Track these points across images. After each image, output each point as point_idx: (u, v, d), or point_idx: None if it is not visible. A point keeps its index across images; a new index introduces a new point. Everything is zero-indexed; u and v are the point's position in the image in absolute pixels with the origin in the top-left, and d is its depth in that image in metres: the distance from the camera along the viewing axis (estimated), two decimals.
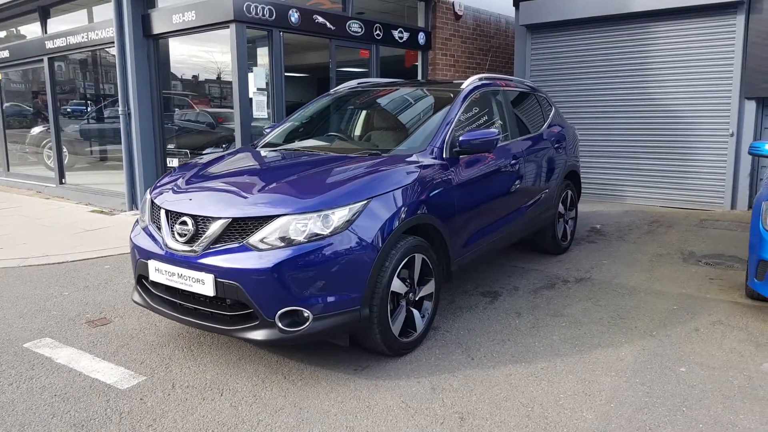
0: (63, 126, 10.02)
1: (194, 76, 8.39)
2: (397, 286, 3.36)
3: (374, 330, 3.27)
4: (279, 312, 3.03)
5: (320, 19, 7.65)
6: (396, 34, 8.96)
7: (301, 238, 3.04)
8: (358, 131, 4.52)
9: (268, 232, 3.07)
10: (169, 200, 3.50)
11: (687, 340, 3.71)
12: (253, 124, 7.16)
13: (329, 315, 3.08)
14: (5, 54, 10.52)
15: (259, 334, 3.07)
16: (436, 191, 3.68)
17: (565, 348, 3.62)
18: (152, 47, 7.75)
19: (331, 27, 7.81)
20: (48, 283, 5.07)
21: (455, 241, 3.89)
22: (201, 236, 3.20)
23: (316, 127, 4.68)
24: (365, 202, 3.19)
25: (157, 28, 7.56)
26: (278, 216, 3.08)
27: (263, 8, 6.91)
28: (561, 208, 5.63)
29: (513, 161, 4.58)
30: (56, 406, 3.04)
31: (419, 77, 9.75)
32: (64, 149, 10.21)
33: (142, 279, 3.58)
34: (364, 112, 4.72)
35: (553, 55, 9.05)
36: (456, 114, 4.11)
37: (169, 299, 3.42)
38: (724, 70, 7.74)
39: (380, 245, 3.19)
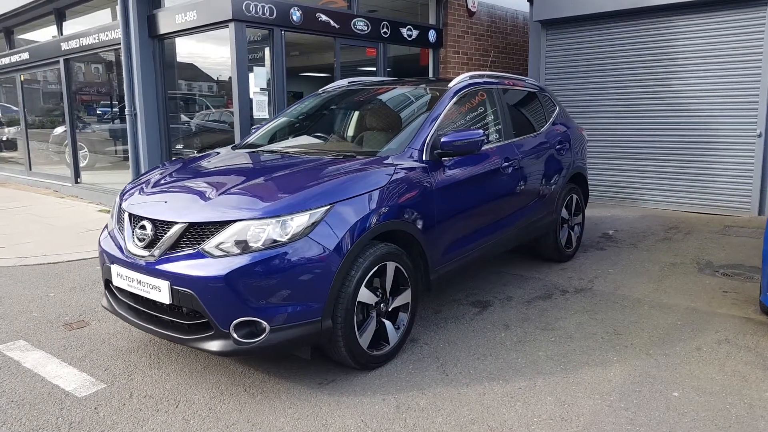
0: (85, 125, 10.12)
1: (207, 76, 8.34)
2: (365, 296, 3.16)
3: (339, 343, 3.08)
4: (234, 322, 2.86)
5: (323, 18, 7.49)
6: (404, 31, 8.75)
7: (258, 245, 2.87)
8: (339, 132, 4.33)
9: (224, 238, 2.91)
10: (133, 203, 3.39)
11: (686, 361, 3.41)
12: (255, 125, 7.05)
13: (287, 326, 2.91)
14: (26, 56, 10.68)
15: (214, 345, 2.91)
16: (413, 196, 3.46)
17: (549, 366, 3.36)
18: (157, 48, 7.72)
19: (336, 25, 7.65)
20: (37, 284, 5.03)
21: (435, 249, 3.67)
22: (159, 241, 3.07)
23: (299, 127, 4.51)
24: (328, 207, 3.00)
25: (162, 28, 7.52)
26: (235, 221, 2.92)
27: (263, 7, 6.79)
28: (565, 213, 5.34)
29: (506, 164, 4.32)
30: (9, 413, 2.95)
31: (430, 76, 9.51)
32: (85, 148, 10.32)
33: (108, 284, 3.48)
34: (347, 113, 4.53)
35: (568, 52, 8.71)
36: (439, 114, 3.89)
37: (132, 305, 3.30)
38: (752, 67, 7.29)
39: (344, 253, 3.00)
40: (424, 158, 3.66)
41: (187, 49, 7.90)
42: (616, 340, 3.70)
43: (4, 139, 13.89)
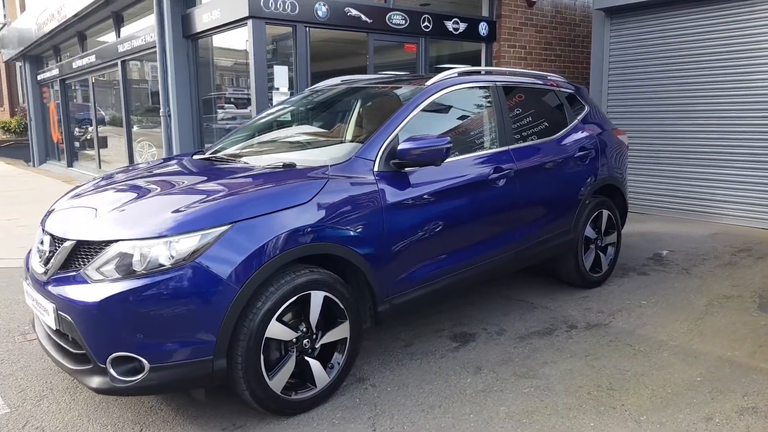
0: (150, 124, 10.41)
1: (239, 75, 8.19)
2: (277, 331, 2.69)
3: (240, 385, 2.64)
4: (110, 357, 2.50)
5: (354, 12, 7.05)
6: (450, 25, 8.11)
7: (140, 269, 2.49)
8: (298, 137, 3.86)
9: (105, 260, 2.56)
10: (48, 214, 3.14)
11: None
12: None
13: (170, 365, 2.50)
14: (92, 59, 11.15)
15: (93, 381, 2.56)
16: (352, 213, 2.94)
17: (504, 428, 2.72)
18: (191, 48, 7.65)
19: (368, 20, 7.18)
20: (18, 288, 4.92)
21: (387, 276, 3.12)
22: (52, 259, 2.78)
23: (265, 130, 4.08)
24: (226, 227, 2.56)
25: (195, 28, 7.43)
26: (116, 241, 2.56)
27: (284, 2, 6.46)
28: (590, 231, 4.54)
29: (496, 174, 3.67)
30: None
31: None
32: (153, 148, 10.60)
33: None
34: (316, 116, 4.05)
35: (636, 44, 7.67)
36: (404, 118, 3.33)
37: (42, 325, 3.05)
38: None
39: (243, 281, 2.55)
40: (376, 169, 3.12)
41: (219, 48, 7.77)
42: (605, 399, 2.96)
43: (88, 138, 14.74)
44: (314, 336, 2.87)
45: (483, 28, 8.53)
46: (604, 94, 7.97)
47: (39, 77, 15.21)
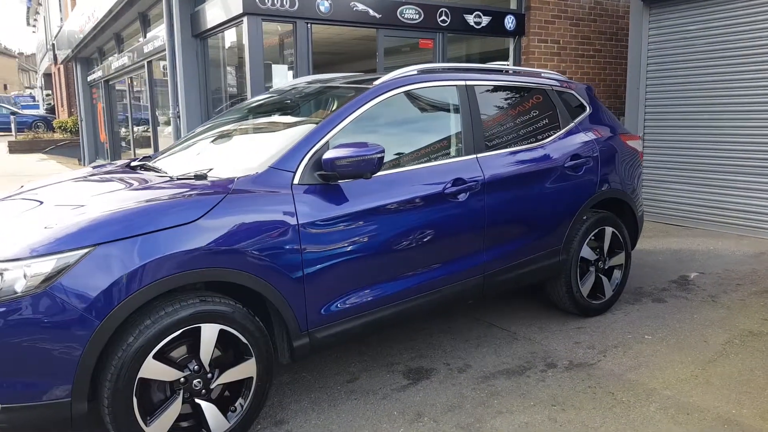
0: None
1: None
2: (155, 371, 2.33)
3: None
4: None
5: (360, 6, 6.63)
6: (471, 19, 7.54)
7: None
8: (234, 143, 3.46)
9: None
10: None
11: None
12: None
13: (24, 407, 2.19)
14: (125, 59, 11.27)
15: None
16: (259, 233, 2.54)
17: None
18: (200, 46, 7.47)
19: (376, 15, 6.74)
20: None
21: (307, 305, 2.70)
22: None
23: (211, 134, 3.70)
24: (86, 249, 2.22)
25: (202, 25, 7.23)
26: None
27: None
28: (587, 252, 3.94)
29: (455, 188, 3.16)
30: None
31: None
32: None
33: None
34: (257, 120, 3.64)
35: (678, 37, 6.84)
36: (338, 123, 2.89)
37: None
38: None
39: (105, 314, 2.20)
40: (297, 182, 2.71)
41: (227, 47, 7.54)
42: None
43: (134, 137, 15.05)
44: (209, 375, 2.48)
45: (510, 22, 7.91)
46: (642, 93, 7.19)
47: (88, 78, 15.68)
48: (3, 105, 27.58)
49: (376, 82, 3.15)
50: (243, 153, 3.08)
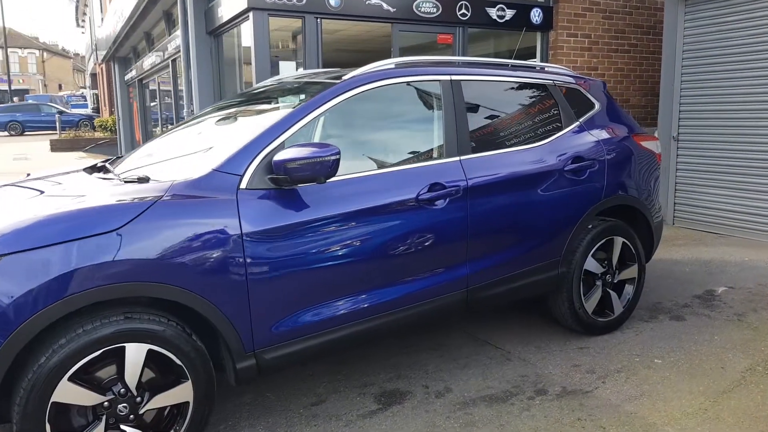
0: None
1: None
2: (70, 394, 2.13)
3: None
4: None
5: (373, 0, 6.35)
6: (494, 12, 7.16)
7: None
8: (190, 144, 3.21)
9: None
10: None
11: None
12: None
13: None
14: (153, 58, 11.34)
15: None
16: (194, 243, 2.31)
17: None
18: (214, 44, 7.35)
19: (390, 8, 6.46)
20: None
21: (253, 323, 2.46)
22: None
23: (176, 135, 3.49)
24: None
25: (215, 22, 7.11)
26: None
27: None
28: (592, 264, 3.56)
29: (431, 193, 2.85)
30: None
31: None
32: None
33: None
34: (224, 118, 3.40)
35: (715, 30, 6.28)
36: (295, 122, 2.64)
37: None
38: None
39: (9, 332, 2.02)
40: (244, 186, 2.47)
41: (241, 44, 7.40)
42: None
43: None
44: (138, 400, 2.27)
45: (536, 15, 7.49)
46: (676, 91, 6.65)
47: (125, 77, 15.96)
48: (50, 104, 28.51)
49: (346, 77, 2.88)
50: (194, 154, 2.85)
